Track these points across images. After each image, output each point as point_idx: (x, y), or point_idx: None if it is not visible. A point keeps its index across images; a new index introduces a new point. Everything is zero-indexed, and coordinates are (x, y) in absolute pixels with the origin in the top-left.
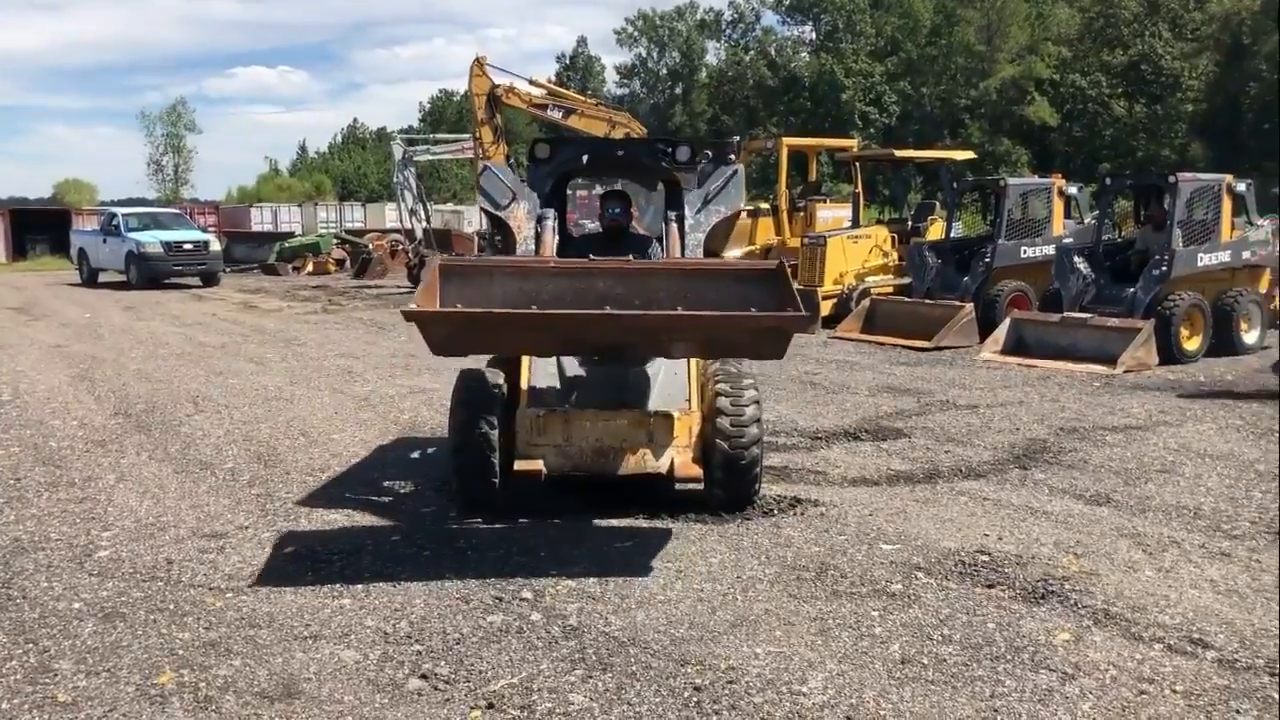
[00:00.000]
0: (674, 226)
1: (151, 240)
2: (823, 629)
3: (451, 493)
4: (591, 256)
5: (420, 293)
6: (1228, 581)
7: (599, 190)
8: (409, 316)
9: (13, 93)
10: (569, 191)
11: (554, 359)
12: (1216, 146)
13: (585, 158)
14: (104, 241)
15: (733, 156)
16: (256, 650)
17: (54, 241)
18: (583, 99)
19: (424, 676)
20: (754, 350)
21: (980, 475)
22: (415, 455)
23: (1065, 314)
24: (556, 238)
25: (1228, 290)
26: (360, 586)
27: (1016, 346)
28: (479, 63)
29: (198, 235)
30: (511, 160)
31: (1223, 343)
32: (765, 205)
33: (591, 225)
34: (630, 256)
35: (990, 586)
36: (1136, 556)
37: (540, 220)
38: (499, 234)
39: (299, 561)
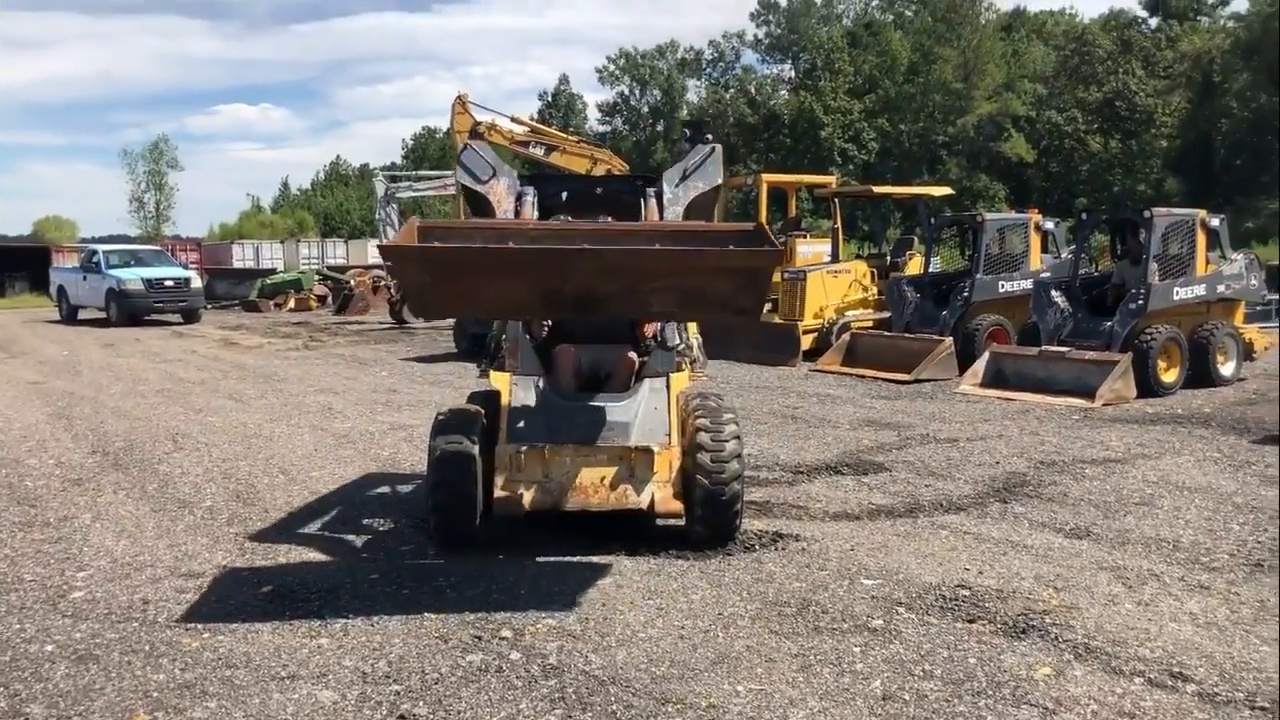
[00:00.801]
0: (652, 202)
1: (132, 277)
2: (804, 665)
3: (430, 530)
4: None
5: (400, 237)
6: (1207, 614)
7: None
8: (387, 252)
9: None
10: None
11: (534, 395)
12: (1190, 182)
13: (565, 194)
14: (84, 279)
15: (709, 136)
16: (233, 691)
17: (33, 278)
18: (564, 136)
19: (402, 717)
20: (731, 299)
21: (961, 509)
22: (394, 492)
23: (1043, 347)
24: (536, 214)
25: (1204, 323)
26: (338, 625)
27: (995, 379)
28: (461, 100)
29: (179, 272)
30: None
31: (1200, 375)
32: None
33: None
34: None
35: (971, 621)
36: (1116, 590)
37: (520, 197)
38: (477, 214)
39: (277, 600)
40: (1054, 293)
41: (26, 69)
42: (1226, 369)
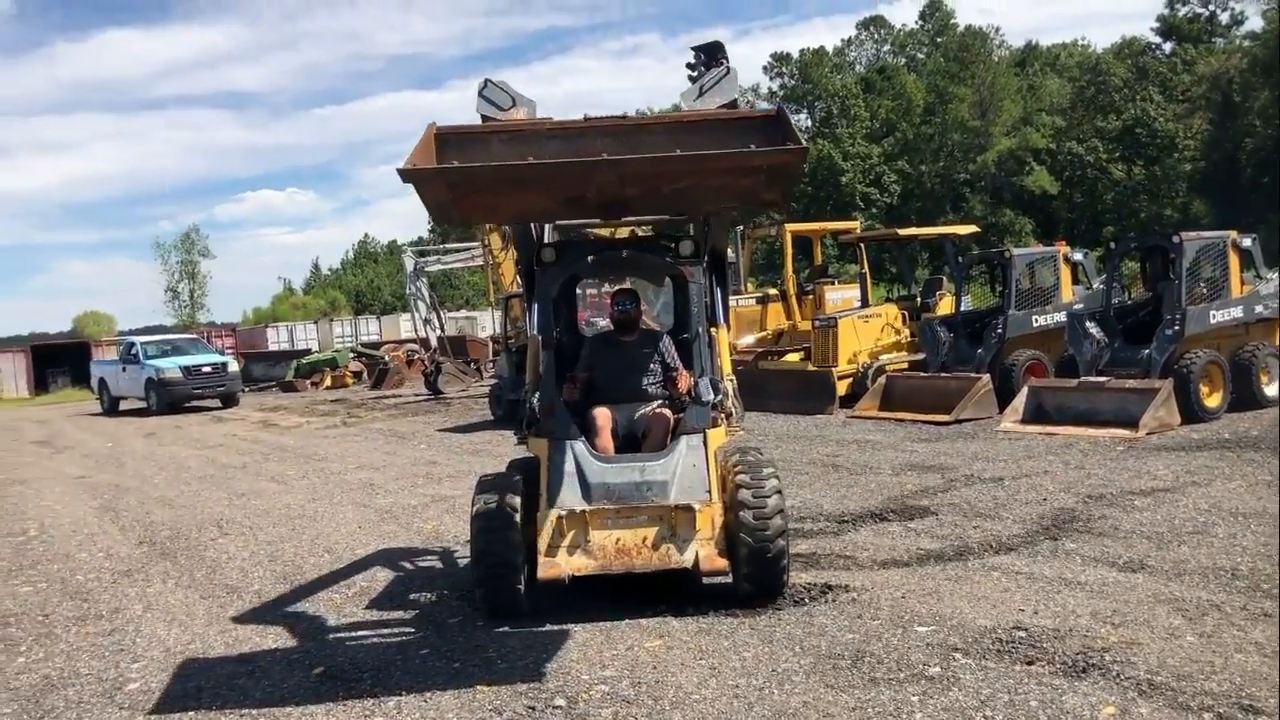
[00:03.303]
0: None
1: (170, 366)
2: (863, 718)
3: (477, 601)
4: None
5: (416, 152)
6: (1274, 644)
7: (608, 289)
8: (406, 175)
9: (29, 231)
10: (578, 291)
11: (572, 459)
12: (1218, 203)
13: (591, 259)
14: (123, 370)
15: (723, 59)
16: None
17: (75, 373)
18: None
19: None
20: (756, 194)
21: (1011, 549)
22: (439, 565)
23: (1082, 379)
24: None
25: (1244, 345)
26: (392, 703)
27: (1036, 415)
28: None
29: (215, 358)
30: (520, 265)
31: (1244, 398)
32: (774, 291)
33: (603, 323)
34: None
35: (1029, 663)
36: (1177, 623)
37: None
38: None
39: (329, 681)
40: (1089, 323)
41: (59, 170)
42: (1271, 389)
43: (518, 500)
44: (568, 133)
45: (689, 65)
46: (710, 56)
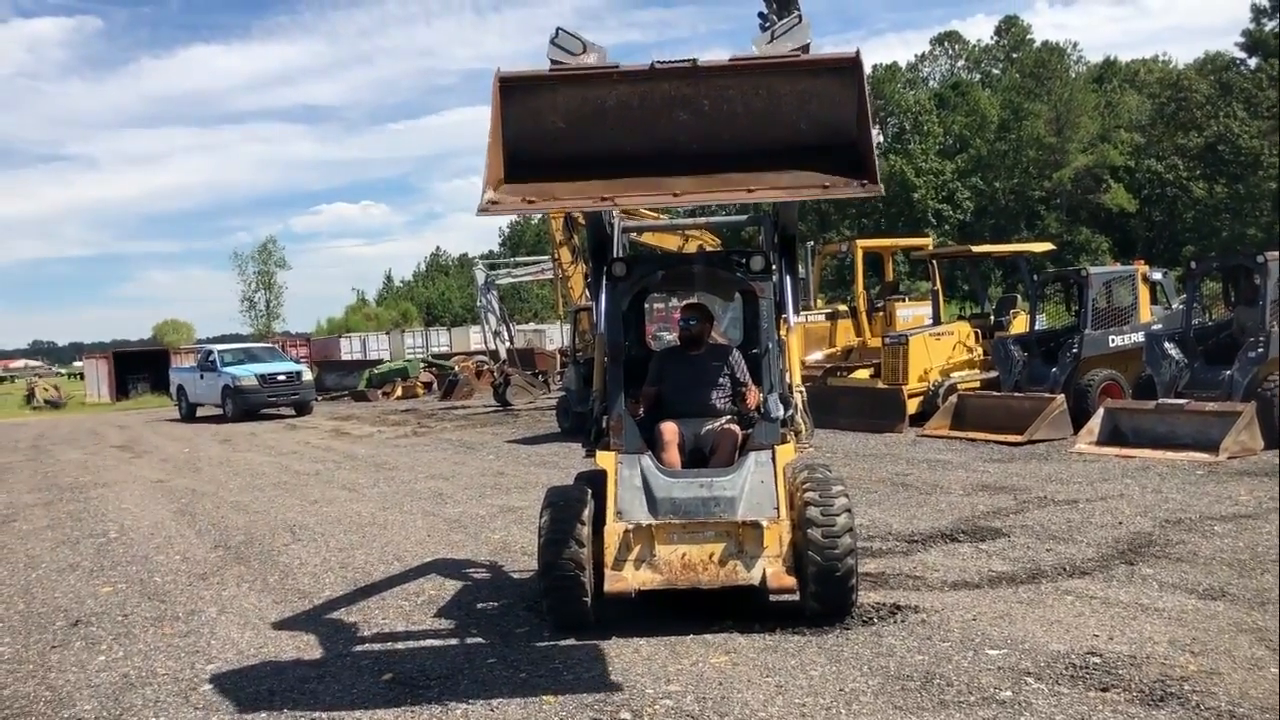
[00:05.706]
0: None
1: (246, 374)
2: None
3: (544, 612)
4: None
5: (489, 176)
6: None
7: (675, 303)
8: (485, 213)
9: (113, 241)
10: (647, 305)
11: (639, 473)
12: None
13: (661, 274)
14: (201, 377)
15: (795, 8)
16: None
17: (155, 380)
18: (656, 214)
19: None
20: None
21: (1085, 573)
22: (507, 575)
23: (1160, 400)
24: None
25: None
26: (459, 711)
27: (1112, 437)
28: None
29: (290, 367)
30: (589, 279)
31: None
32: (844, 307)
33: (670, 337)
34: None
35: (1104, 690)
36: (1259, 653)
37: None
38: None
39: (398, 688)
40: (1168, 344)
41: (143, 182)
42: None
43: (585, 513)
44: (635, 79)
45: (761, 15)
46: (782, 5)
